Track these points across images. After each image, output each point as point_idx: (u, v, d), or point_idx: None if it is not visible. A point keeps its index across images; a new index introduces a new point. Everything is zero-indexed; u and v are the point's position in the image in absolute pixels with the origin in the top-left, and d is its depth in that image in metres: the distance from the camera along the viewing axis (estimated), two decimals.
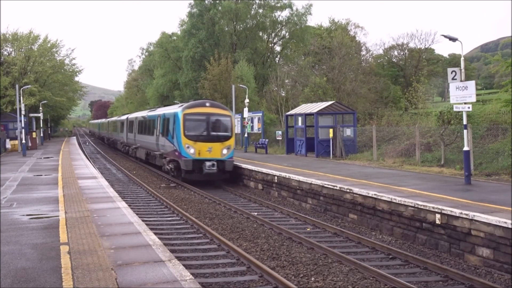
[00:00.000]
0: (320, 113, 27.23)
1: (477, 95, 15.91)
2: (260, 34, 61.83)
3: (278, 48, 63.79)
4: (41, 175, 20.60)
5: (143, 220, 11.52)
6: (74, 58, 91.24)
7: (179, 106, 23.88)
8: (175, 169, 23.60)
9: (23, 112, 37.33)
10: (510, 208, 10.89)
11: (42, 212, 11.80)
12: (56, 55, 59.76)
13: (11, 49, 54.29)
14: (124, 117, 44.31)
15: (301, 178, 17.82)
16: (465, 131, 16.04)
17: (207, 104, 23.06)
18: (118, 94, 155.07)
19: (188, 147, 21.78)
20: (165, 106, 33.45)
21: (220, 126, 22.96)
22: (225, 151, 22.18)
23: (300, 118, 29.28)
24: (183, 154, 21.91)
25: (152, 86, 70.65)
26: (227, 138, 22.59)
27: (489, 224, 10.03)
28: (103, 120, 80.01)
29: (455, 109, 16.30)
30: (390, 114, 35.32)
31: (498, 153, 19.35)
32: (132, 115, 39.75)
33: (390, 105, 45.27)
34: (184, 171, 22.15)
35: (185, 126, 22.13)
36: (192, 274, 7.40)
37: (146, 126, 30.96)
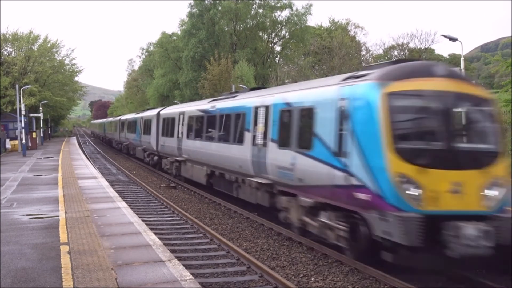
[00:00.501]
0: None
1: None
2: (260, 34, 61.91)
3: (278, 48, 63.91)
4: (41, 175, 20.60)
5: (143, 220, 11.53)
6: (74, 58, 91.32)
7: (358, 78, 10.06)
8: (350, 235, 9.76)
9: (23, 112, 37.40)
10: (510, 208, 10.86)
11: (42, 212, 11.81)
12: (56, 55, 59.97)
13: (11, 49, 54.46)
14: (151, 113, 31.48)
15: None
16: None
17: (439, 71, 9.36)
18: (118, 94, 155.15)
19: (405, 182, 8.60)
20: (262, 87, 17.15)
21: (476, 127, 10.02)
22: (493, 193, 8.95)
23: None
24: (392, 201, 8.60)
25: (152, 86, 70.68)
26: (491, 157, 9.19)
27: None
28: (111, 119, 64.17)
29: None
30: None
31: None
32: (171, 110, 26.88)
33: None
34: (394, 245, 8.78)
35: (394, 126, 8.93)
36: (192, 274, 7.40)
37: (215, 127, 18.14)
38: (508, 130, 20.11)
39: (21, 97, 38.64)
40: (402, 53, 57.79)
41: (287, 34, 61.30)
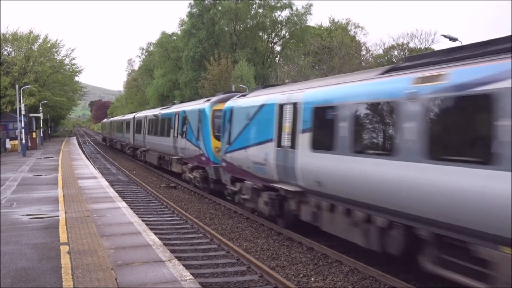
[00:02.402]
0: None
1: None
2: (260, 34, 61.95)
3: (278, 48, 63.94)
4: (41, 175, 20.60)
5: (143, 220, 11.54)
6: (74, 58, 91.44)
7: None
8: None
9: (23, 112, 37.41)
10: None
11: (42, 212, 11.81)
12: (56, 55, 59.94)
13: (11, 49, 54.45)
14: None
15: None
16: None
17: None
18: (118, 94, 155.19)
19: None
20: None
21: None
22: None
23: None
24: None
25: (152, 86, 70.73)
26: None
27: None
28: (179, 106, 24.03)
29: None
30: None
31: None
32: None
33: None
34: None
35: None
36: (192, 274, 7.40)
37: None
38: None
39: (21, 97, 38.67)
40: (402, 53, 57.79)
41: (287, 34, 61.34)
